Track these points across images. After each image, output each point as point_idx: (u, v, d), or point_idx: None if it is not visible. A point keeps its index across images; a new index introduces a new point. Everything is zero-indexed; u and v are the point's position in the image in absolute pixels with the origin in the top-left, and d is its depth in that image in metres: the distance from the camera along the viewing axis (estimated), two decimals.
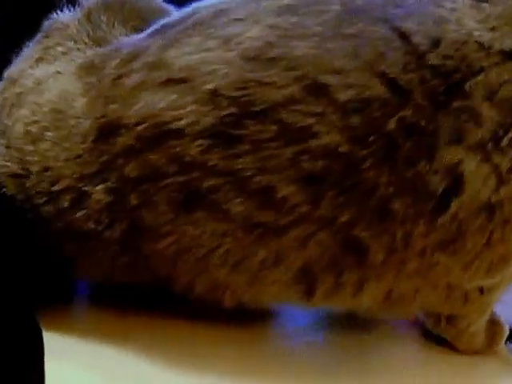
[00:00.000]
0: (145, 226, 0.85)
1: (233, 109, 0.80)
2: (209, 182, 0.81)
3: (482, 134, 0.77)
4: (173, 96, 0.83)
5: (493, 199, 0.79)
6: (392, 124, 0.76)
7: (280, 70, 0.78)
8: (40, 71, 0.94)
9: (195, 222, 0.83)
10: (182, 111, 0.82)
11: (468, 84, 0.77)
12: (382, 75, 0.76)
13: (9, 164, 0.90)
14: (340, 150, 0.77)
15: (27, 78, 0.94)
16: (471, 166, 0.78)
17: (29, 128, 0.90)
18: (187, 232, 0.84)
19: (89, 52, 0.94)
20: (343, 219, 0.79)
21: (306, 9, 0.80)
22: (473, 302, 0.87)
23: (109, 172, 0.86)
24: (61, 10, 0.99)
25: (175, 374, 0.83)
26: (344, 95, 0.76)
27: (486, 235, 0.80)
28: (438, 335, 0.93)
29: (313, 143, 0.77)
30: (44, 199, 0.88)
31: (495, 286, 0.87)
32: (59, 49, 0.95)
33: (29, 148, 0.89)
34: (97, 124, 0.86)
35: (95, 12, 0.98)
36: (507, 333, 0.95)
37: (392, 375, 0.88)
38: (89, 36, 0.96)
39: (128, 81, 0.86)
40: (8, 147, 0.91)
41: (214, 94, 0.81)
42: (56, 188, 0.87)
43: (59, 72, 0.92)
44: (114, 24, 0.97)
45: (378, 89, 0.76)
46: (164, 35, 0.87)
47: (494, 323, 0.94)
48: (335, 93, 0.76)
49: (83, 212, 0.86)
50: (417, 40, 0.76)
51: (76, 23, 0.97)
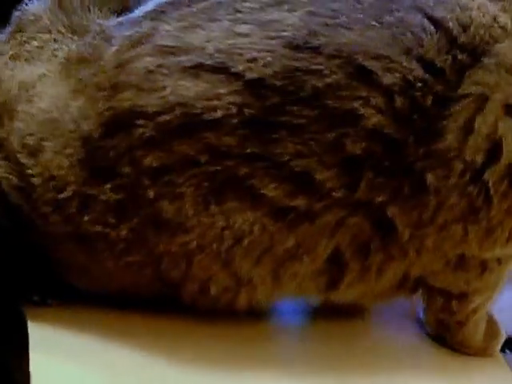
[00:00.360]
0: (162, 221, 0.83)
1: (277, 98, 0.80)
2: (244, 169, 0.81)
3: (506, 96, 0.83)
4: (204, 84, 0.81)
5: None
6: (429, 101, 0.81)
7: (325, 58, 0.80)
8: (21, 72, 0.89)
9: (224, 212, 0.82)
10: (218, 102, 0.80)
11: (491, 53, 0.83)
12: (421, 59, 0.81)
13: (10, 177, 0.87)
14: (384, 131, 0.80)
15: (8, 81, 0.89)
16: (508, 129, 0.82)
17: (25, 141, 0.86)
18: (215, 224, 0.83)
19: (67, 42, 0.90)
20: (379, 200, 0.82)
21: None
22: (491, 272, 0.89)
23: (120, 167, 0.83)
24: (29, 0, 0.94)
25: (172, 367, 0.83)
26: (388, 79, 0.80)
27: (509, 201, 0.83)
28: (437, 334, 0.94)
29: (357, 126, 0.80)
30: (51, 208, 0.85)
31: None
32: (34, 43, 0.91)
33: (29, 162, 0.86)
34: (102, 119, 0.83)
35: None
36: (503, 338, 0.96)
37: (386, 366, 0.89)
38: (64, 25, 0.91)
39: (139, 65, 0.82)
40: (6, 159, 0.87)
41: (259, 84, 0.80)
42: (63, 196, 0.85)
43: (45, 74, 0.88)
44: (89, 8, 0.92)
45: (418, 71, 0.81)
46: (171, 15, 0.84)
47: (492, 327, 0.96)
48: (379, 77, 0.80)
49: (89, 216, 0.84)
50: (449, 25, 0.82)
51: (48, 13, 0.92)
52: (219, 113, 0.80)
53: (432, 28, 0.82)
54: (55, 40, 0.90)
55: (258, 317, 0.91)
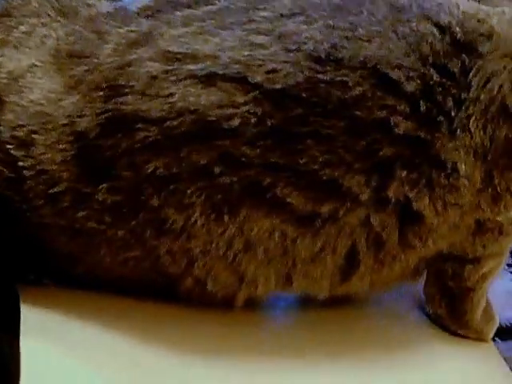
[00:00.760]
0: (166, 227, 0.82)
1: (300, 109, 0.81)
2: (267, 179, 0.81)
3: None
4: (219, 93, 0.80)
5: None
6: (449, 102, 0.84)
7: (349, 70, 0.82)
8: (9, 61, 0.87)
9: (238, 222, 0.82)
10: (234, 110, 0.80)
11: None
12: (436, 65, 0.84)
13: (0, 168, 0.85)
14: (413, 134, 0.83)
15: None
16: None
17: (15, 133, 0.84)
18: (225, 232, 0.83)
19: (56, 27, 0.88)
20: (411, 195, 0.84)
21: (357, 8, 0.84)
22: (506, 235, 0.90)
23: (118, 169, 0.82)
24: None
25: (167, 357, 0.83)
26: (411, 86, 0.83)
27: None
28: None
29: (387, 133, 0.82)
30: (42, 201, 0.84)
31: None
32: (22, 28, 0.89)
33: (20, 154, 0.84)
34: (99, 120, 0.81)
35: None
36: (497, 324, 0.97)
37: (383, 350, 0.90)
38: (53, 7, 0.90)
39: (141, 70, 0.81)
40: None
41: (280, 95, 0.80)
42: (55, 190, 0.83)
43: (35, 65, 0.86)
44: None
45: (436, 76, 0.84)
46: (172, 17, 0.83)
47: (488, 310, 0.96)
48: (403, 85, 0.83)
49: (84, 212, 0.83)
50: (453, 30, 0.86)
51: None
52: (236, 121, 0.80)
53: (440, 34, 0.85)
54: (43, 24, 0.88)
55: (253, 305, 0.91)
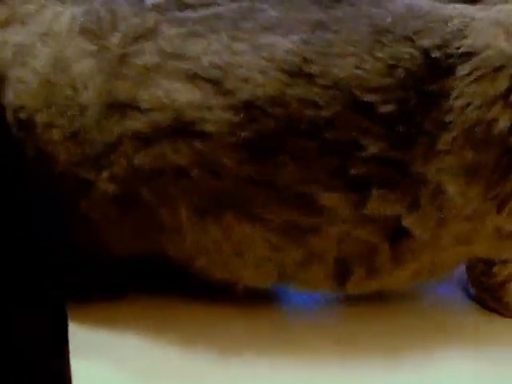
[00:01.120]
0: (162, 223, 0.83)
1: (272, 124, 0.79)
2: (244, 192, 0.80)
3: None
4: (197, 93, 0.80)
5: None
6: (429, 126, 0.81)
7: (321, 89, 0.80)
8: (15, 36, 0.86)
9: (223, 227, 0.82)
10: (208, 114, 0.80)
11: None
12: (415, 88, 0.81)
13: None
14: (388, 156, 0.80)
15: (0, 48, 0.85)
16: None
17: (17, 115, 0.84)
18: (212, 236, 0.83)
19: (68, 5, 0.86)
20: (394, 213, 0.82)
21: (338, 26, 0.81)
22: None
23: (114, 157, 0.81)
24: None
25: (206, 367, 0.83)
26: (386, 109, 0.80)
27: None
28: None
29: (359, 154, 0.80)
30: (43, 185, 0.83)
31: None
32: (30, 7, 0.87)
33: (21, 135, 0.84)
34: (100, 98, 0.81)
35: None
36: None
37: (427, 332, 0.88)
38: None
39: (139, 61, 0.81)
40: None
41: (250, 105, 0.79)
42: (52, 174, 0.83)
43: (47, 34, 0.84)
44: None
45: (414, 99, 0.80)
46: (175, 17, 0.83)
47: None
48: (378, 108, 0.80)
49: (86, 202, 0.83)
50: (434, 53, 0.81)
51: None
52: (212, 127, 0.79)
53: (421, 57, 0.81)
54: (53, 3, 0.87)
55: (266, 298, 0.91)
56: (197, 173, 0.80)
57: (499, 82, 0.81)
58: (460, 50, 0.81)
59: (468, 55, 0.81)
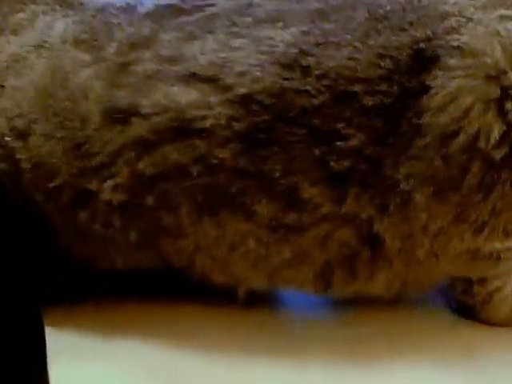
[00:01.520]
0: (164, 227, 0.83)
1: (266, 115, 0.80)
2: (236, 185, 0.81)
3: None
4: (196, 93, 0.81)
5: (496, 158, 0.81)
6: (405, 126, 0.81)
7: (314, 79, 0.81)
8: (9, 45, 0.86)
9: (219, 224, 0.83)
10: (208, 112, 0.80)
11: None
12: (400, 82, 0.81)
13: None
14: (365, 151, 0.81)
15: None
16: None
17: (13, 123, 0.84)
18: (209, 233, 0.83)
19: (62, 15, 0.87)
20: (366, 215, 0.82)
21: (336, 15, 0.82)
22: (507, 260, 0.86)
23: (118, 166, 0.82)
24: None
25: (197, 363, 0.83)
26: (370, 101, 0.81)
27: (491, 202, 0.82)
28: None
29: (341, 145, 0.81)
30: (42, 196, 0.83)
31: None
32: (21, 15, 0.88)
33: (17, 145, 0.83)
34: (101, 107, 0.82)
35: None
36: None
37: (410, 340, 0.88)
38: None
39: (138, 69, 0.82)
40: None
41: (247, 99, 0.80)
42: (53, 185, 0.83)
43: (42, 46, 0.85)
44: None
45: (396, 94, 0.81)
46: (171, 23, 0.84)
47: None
48: (363, 99, 0.81)
49: (87, 213, 0.83)
50: (423, 45, 0.81)
51: None
52: (208, 122, 0.80)
53: (409, 48, 0.81)
54: (43, 12, 0.88)
55: (266, 301, 0.92)
56: (196, 170, 0.81)
57: (492, 89, 0.80)
58: (451, 43, 0.81)
59: (460, 50, 0.81)
